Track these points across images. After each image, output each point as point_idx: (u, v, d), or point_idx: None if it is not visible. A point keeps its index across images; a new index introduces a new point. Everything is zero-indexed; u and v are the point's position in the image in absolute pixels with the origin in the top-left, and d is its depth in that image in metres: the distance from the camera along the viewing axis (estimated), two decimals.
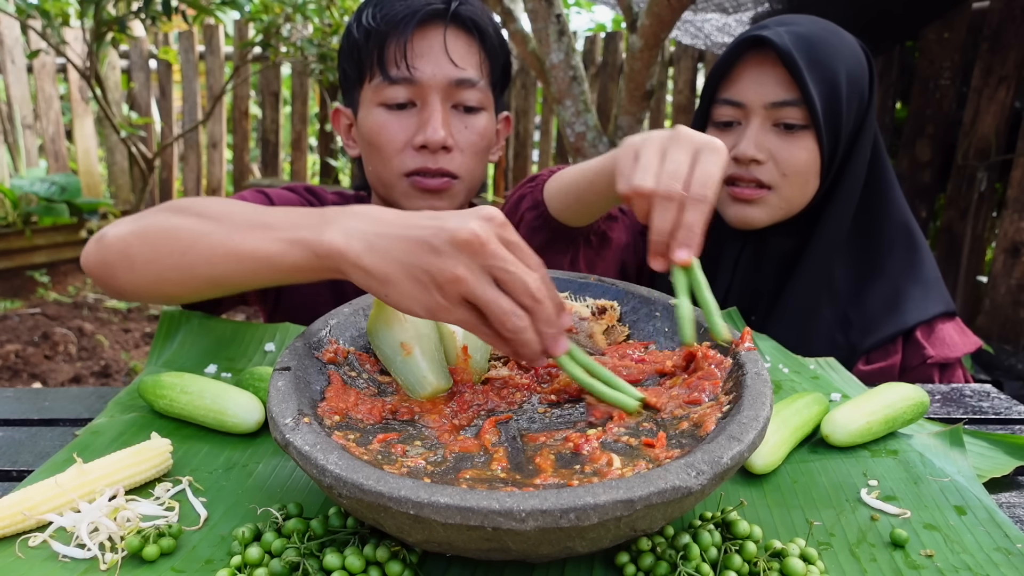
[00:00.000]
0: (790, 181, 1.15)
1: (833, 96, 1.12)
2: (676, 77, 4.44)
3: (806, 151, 1.14)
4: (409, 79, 1.14)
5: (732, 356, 0.72)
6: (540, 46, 2.45)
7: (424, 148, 1.15)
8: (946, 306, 1.22)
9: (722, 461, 0.55)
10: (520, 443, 0.67)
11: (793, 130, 1.14)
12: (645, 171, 0.75)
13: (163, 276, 0.86)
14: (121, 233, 0.90)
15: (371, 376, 0.77)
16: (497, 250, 0.63)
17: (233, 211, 0.83)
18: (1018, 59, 2.83)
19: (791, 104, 1.12)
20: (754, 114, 1.15)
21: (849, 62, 1.14)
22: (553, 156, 5.04)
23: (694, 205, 0.72)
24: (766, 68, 1.14)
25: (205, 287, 0.85)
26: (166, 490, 0.70)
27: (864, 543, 0.65)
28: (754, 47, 1.15)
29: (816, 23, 1.17)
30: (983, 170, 2.97)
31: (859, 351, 1.21)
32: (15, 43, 4.53)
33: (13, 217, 4.28)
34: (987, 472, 0.78)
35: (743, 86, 1.16)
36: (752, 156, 1.14)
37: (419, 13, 1.13)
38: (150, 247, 0.86)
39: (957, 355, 1.20)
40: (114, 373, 3.37)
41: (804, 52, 1.11)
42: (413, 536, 0.54)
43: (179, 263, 0.84)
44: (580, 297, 0.89)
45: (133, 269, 0.88)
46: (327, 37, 4.13)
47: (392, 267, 0.66)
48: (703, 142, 0.77)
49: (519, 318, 0.64)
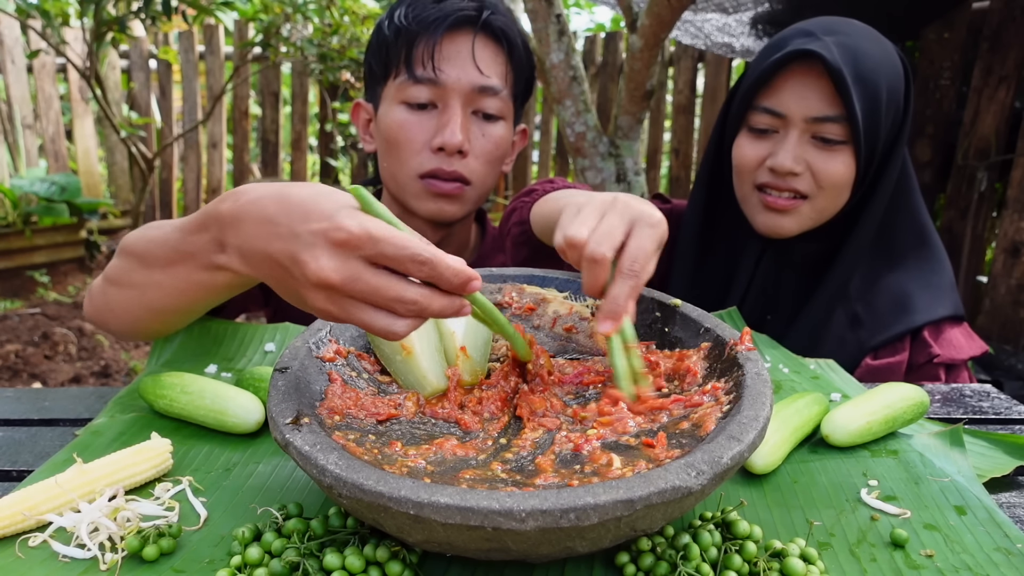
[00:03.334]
0: (825, 193, 1.15)
1: (874, 112, 1.11)
2: (676, 77, 4.44)
3: (843, 165, 1.13)
4: (434, 80, 1.15)
5: (732, 356, 0.72)
6: (540, 46, 2.45)
7: (441, 150, 1.16)
8: (955, 311, 1.22)
9: (722, 461, 0.55)
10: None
11: (832, 144, 1.12)
12: (580, 226, 0.76)
13: (139, 319, 0.96)
14: (99, 285, 0.99)
15: (371, 376, 0.77)
16: (355, 286, 0.60)
17: (153, 244, 0.87)
18: (1018, 59, 2.83)
19: (833, 120, 1.11)
20: (793, 126, 1.13)
21: (890, 75, 1.13)
22: (553, 156, 5.04)
23: (623, 280, 0.73)
24: (811, 80, 1.11)
25: (177, 318, 0.95)
26: (166, 490, 0.70)
27: (864, 543, 0.65)
28: (801, 58, 1.11)
29: (860, 32, 1.14)
30: (983, 170, 2.97)
31: (867, 348, 1.21)
32: (15, 43, 4.53)
33: (13, 217, 4.28)
34: (987, 472, 0.78)
35: (785, 97, 1.13)
36: (790, 169, 1.13)
37: (451, 17, 1.14)
38: (117, 299, 0.96)
39: (963, 357, 1.20)
40: (114, 373, 3.37)
41: (851, 66, 1.08)
42: (413, 536, 0.54)
43: (143, 308, 0.92)
44: (580, 297, 0.89)
45: (117, 317, 0.98)
46: (327, 37, 4.13)
47: (272, 284, 0.68)
48: (640, 214, 0.76)
49: (399, 325, 0.62)
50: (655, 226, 0.76)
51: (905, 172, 1.22)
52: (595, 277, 0.73)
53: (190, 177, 5.16)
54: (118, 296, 0.94)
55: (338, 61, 4.18)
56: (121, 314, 0.96)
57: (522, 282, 0.90)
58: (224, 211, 0.70)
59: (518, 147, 1.34)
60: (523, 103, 1.29)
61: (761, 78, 1.15)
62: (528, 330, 0.87)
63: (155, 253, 0.85)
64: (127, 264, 0.91)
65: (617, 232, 0.74)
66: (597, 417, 0.70)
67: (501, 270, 0.91)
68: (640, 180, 2.54)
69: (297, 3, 3.78)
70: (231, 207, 0.69)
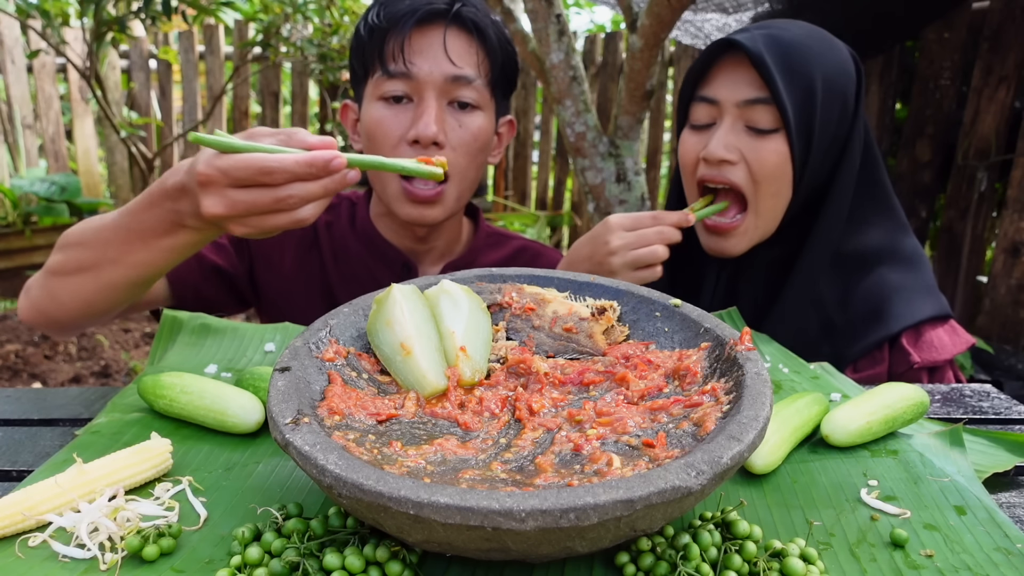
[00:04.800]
0: (762, 189, 1.15)
1: (806, 99, 1.12)
2: (676, 77, 4.44)
3: (776, 154, 1.13)
4: (406, 74, 1.16)
5: (732, 356, 0.72)
6: (540, 46, 2.45)
7: (416, 143, 1.17)
8: (935, 310, 1.21)
9: (722, 461, 0.55)
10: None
11: (764, 133, 1.14)
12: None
13: (90, 301, 1.01)
14: (39, 283, 1.06)
15: (371, 376, 0.77)
16: (239, 209, 0.80)
17: (105, 229, 0.97)
18: (1018, 59, 2.83)
19: (762, 102, 1.13)
20: (727, 113, 1.16)
21: (828, 67, 1.14)
22: (553, 156, 5.04)
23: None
24: (740, 69, 1.15)
25: (131, 290, 1.00)
26: (166, 490, 0.70)
27: (864, 543, 0.65)
28: (729, 49, 1.16)
29: (802, 29, 1.18)
30: (983, 170, 2.97)
31: (846, 359, 1.20)
32: (15, 43, 4.53)
33: (13, 217, 4.28)
34: (987, 468, 0.78)
35: (717, 84, 1.17)
36: (721, 156, 1.14)
37: (420, 11, 1.16)
38: (64, 288, 1.02)
39: (946, 357, 1.19)
40: (114, 373, 3.37)
41: (776, 54, 1.12)
42: (413, 536, 0.54)
43: (98, 287, 0.99)
44: (580, 297, 0.89)
45: (63, 305, 1.03)
46: (327, 37, 4.13)
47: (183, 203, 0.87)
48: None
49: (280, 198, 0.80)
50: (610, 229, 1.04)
51: (873, 173, 1.22)
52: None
53: None
54: (65, 285, 1.02)
55: (338, 61, 4.18)
56: (68, 301, 1.02)
57: (522, 282, 0.90)
58: (170, 185, 0.87)
59: (505, 139, 1.34)
60: (506, 94, 1.29)
61: (694, 71, 1.21)
62: (528, 330, 0.87)
63: (106, 237, 0.96)
64: (75, 253, 1.00)
65: None
66: (595, 419, 0.70)
67: (501, 270, 0.91)
68: (640, 180, 2.54)
69: (297, 3, 3.78)
70: (174, 182, 0.86)
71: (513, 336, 0.87)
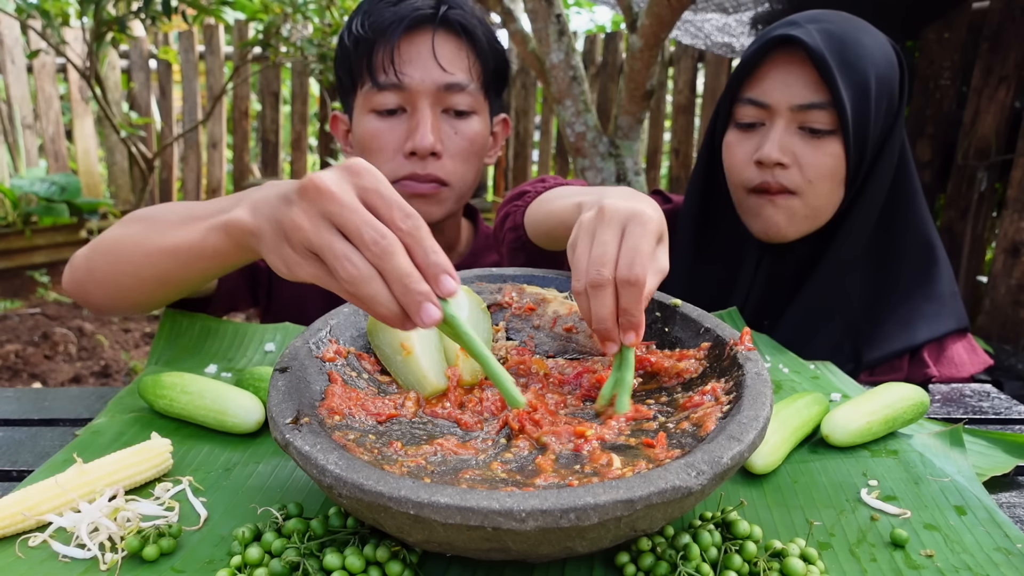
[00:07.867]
0: (815, 188, 1.10)
1: (862, 100, 1.07)
2: (676, 77, 4.44)
3: (832, 157, 1.08)
4: (398, 85, 1.14)
5: (732, 356, 0.72)
6: (540, 46, 2.45)
7: (413, 155, 1.15)
8: (958, 322, 1.19)
9: (722, 461, 0.55)
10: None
11: (819, 134, 1.08)
12: (577, 271, 0.72)
13: (119, 283, 0.93)
14: (84, 252, 0.98)
15: (371, 376, 0.77)
16: (341, 197, 0.58)
17: (173, 210, 0.88)
18: (1018, 59, 2.83)
19: (819, 107, 1.07)
20: (779, 116, 1.10)
21: (880, 63, 1.09)
22: (553, 156, 5.04)
23: (626, 289, 0.68)
24: (794, 68, 1.08)
25: (157, 288, 0.91)
26: (166, 490, 0.70)
27: (864, 543, 0.65)
28: (782, 45, 1.09)
29: (848, 21, 1.11)
30: (983, 170, 2.97)
31: (864, 362, 1.18)
32: (15, 43, 4.53)
33: (13, 217, 4.28)
34: (987, 470, 0.78)
35: (769, 86, 1.10)
36: (776, 159, 1.09)
37: (406, 19, 1.13)
38: (104, 257, 0.94)
39: (964, 375, 1.17)
40: (114, 373, 3.37)
41: (835, 53, 1.05)
42: (413, 536, 0.54)
43: (128, 268, 0.90)
44: None
45: (96, 281, 0.96)
46: (327, 37, 4.13)
47: (262, 222, 0.66)
48: (628, 215, 0.71)
49: (355, 266, 0.57)
50: (646, 222, 0.70)
51: (907, 174, 1.18)
52: (602, 305, 0.69)
53: (190, 177, 5.16)
54: (101, 261, 0.95)
55: (334, 69, 4.18)
56: (102, 279, 0.95)
57: (522, 282, 0.90)
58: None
59: (500, 138, 1.32)
60: (498, 93, 1.27)
61: (744, 69, 1.13)
62: (528, 330, 0.87)
63: (167, 217, 0.87)
64: (131, 229, 0.91)
65: (610, 247, 0.69)
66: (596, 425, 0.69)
67: (501, 270, 0.91)
68: (640, 180, 2.54)
69: (297, 3, 3.78)
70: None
71: (513, 336, 0.87)
